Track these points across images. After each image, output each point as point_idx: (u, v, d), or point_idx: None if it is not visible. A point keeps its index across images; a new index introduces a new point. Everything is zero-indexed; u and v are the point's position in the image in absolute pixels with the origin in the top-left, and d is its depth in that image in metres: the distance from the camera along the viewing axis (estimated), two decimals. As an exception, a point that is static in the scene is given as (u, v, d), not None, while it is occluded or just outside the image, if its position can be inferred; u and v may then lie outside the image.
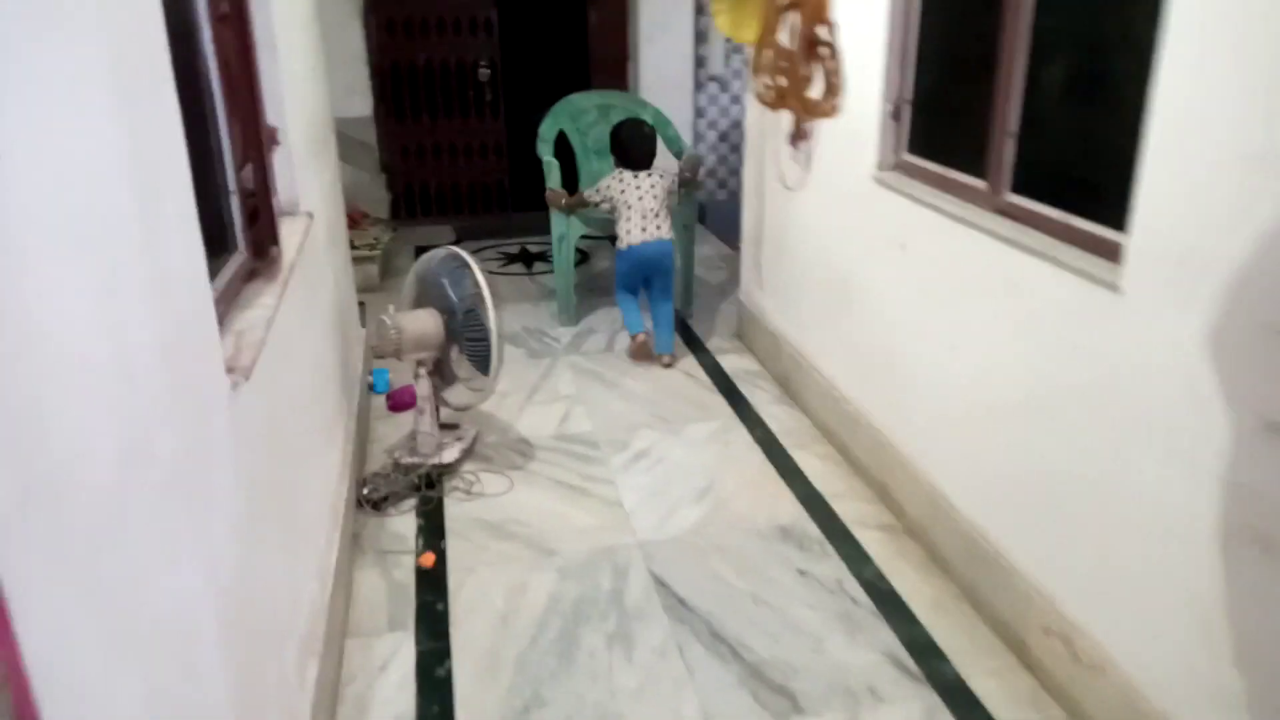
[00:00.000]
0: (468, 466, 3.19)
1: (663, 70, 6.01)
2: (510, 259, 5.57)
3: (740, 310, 4.31)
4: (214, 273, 1.70)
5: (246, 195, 1.86)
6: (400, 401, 3.60)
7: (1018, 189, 2.30)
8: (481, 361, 3.05)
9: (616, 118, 4.66)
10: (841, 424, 3.25)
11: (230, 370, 1.46)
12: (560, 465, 3.21)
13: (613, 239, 4.21)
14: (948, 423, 2.55)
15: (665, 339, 4.05)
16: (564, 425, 3.51)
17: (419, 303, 3.19)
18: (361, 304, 4.25)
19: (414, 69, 5.87)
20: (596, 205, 4.17)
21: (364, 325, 4.11)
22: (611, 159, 4.23)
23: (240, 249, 1.87)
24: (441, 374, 3.21)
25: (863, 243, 3.02)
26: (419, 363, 3.10)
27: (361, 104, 5.63)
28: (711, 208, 6.41)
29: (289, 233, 2.19)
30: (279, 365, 1.84)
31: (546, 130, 4.68)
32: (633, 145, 4.09)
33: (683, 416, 3.57)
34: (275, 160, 2.35)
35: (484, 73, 5.93)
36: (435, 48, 5.87)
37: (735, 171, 6.44)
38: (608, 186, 4.06)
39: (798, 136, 3.38)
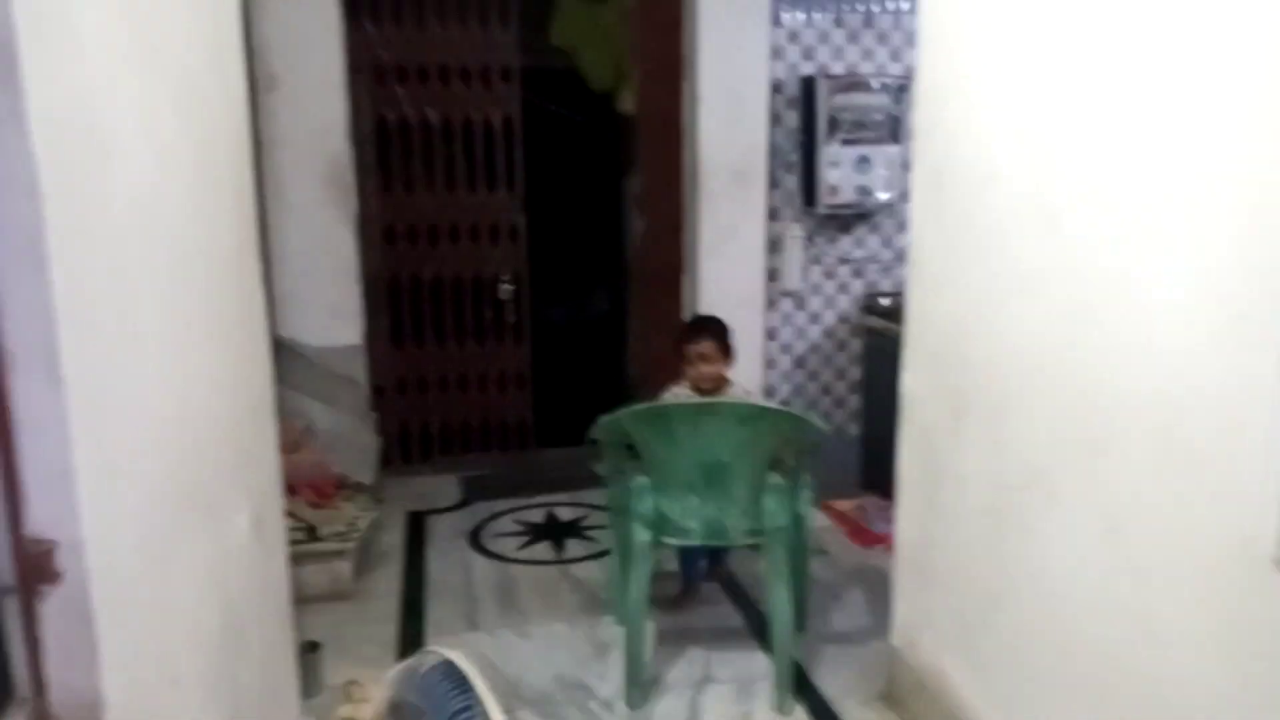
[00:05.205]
0: None
1: (727, 286, 4.82)
2: (532, 534, 4.13)
3: (894, 662, 2.82)
4: None
5: None
6: None
7: None
8: None
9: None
10: None
11: None
12: None
13: None
14: None
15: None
16: None
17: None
18: (314, 645, 2.78)
19: (418, 284, 4.69)
20: None
21: (309, 693, 2.62)
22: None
23: None
24: None
25: (1248, 684, 1.58)
26: None
27: (347, 330, 4.38)
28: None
29: None
30: None
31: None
32: None
33: None
34: (46, 615, 0.97)
35: (506, 289, 4.75)
36: (447, 259, 4.71)
37: (813, 404, 5.15)
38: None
39: None
